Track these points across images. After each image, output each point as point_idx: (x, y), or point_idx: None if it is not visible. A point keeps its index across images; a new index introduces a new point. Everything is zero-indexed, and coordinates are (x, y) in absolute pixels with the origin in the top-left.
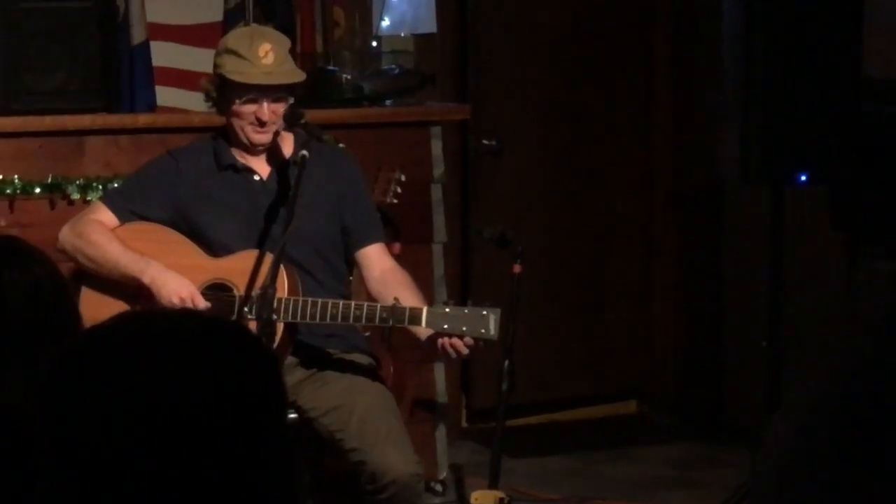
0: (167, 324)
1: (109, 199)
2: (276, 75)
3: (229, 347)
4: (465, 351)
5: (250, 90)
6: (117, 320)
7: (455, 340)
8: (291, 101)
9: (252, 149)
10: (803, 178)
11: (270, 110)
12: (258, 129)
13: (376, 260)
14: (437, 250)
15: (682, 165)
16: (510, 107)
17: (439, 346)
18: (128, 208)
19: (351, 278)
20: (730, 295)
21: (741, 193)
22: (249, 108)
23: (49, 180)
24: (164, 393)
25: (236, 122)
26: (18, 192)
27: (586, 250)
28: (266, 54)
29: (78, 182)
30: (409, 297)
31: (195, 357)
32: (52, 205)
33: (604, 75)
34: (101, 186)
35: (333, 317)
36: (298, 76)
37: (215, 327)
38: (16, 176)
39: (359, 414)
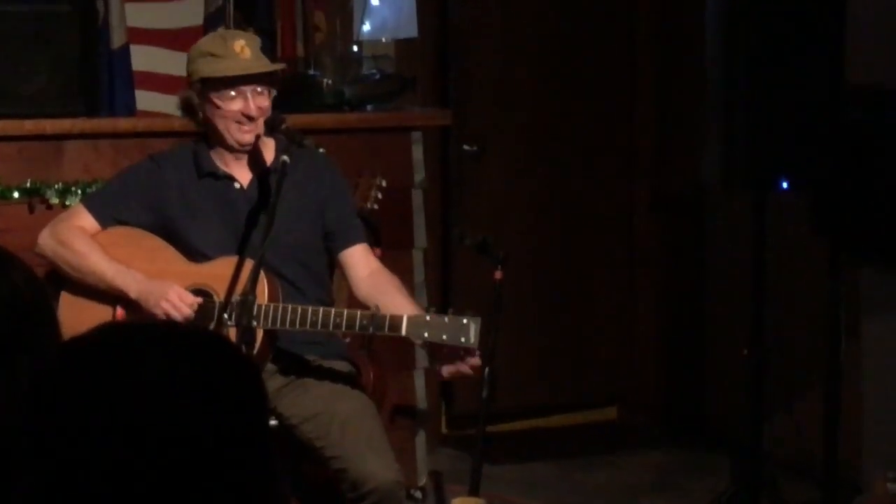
0: (148, 335)
1: (90, 203)
2: (257, 66)
3: (210, 357)
4: (470, 372)
5: (233, 84)
6: (98, 332)
7: (461, 367)
8: (274, 93)
9: (238, 149)
10: (785, 184)
11: (256, 105)
12: (244, 127)
13: (362, 261)
14: (418, 256)
15: (665, 171)
16: (491, 112)
17: (445, 373)
18: (109, 213)
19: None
20: (711, 302)
21: (723, 200)
22: (235, 106)
23: (28, 184)
24: (147, 404)
25: (221, 123)
26: None
27: (568, 257)
28: (242, 49)
29: (57, 186)
30: (400, 299)
31: (176, 368)
32: (31, 209)
33: (586, 81)
34: (80, 191)
35: (313, 323)
36: (278, 65)
37: (195, 337)
38: None
39: (339, 421)
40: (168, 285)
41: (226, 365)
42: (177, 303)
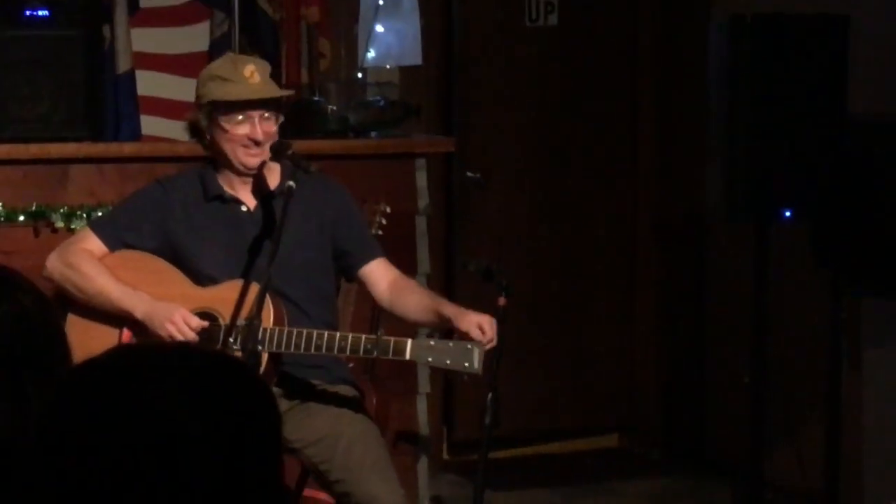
0: (162, 357)
1: (98, 227)
2: (265, 91)
3: (225, 380)
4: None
5: (241, 108)
6: (113, 354)
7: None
8: (281, 119)
9: (244, 172)
10: (787, 214)
11: (263, 130)
12: (250, 151)
13: (381, 274)
14: (422, 282)
15: (666, 199)
16: (495, 139)
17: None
18: (117, 236)
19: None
20: (712, 330)
21: (724, 228)
22: (242, 130)
23: (33, 208)
24: (162, 427)
25: (228, 147)
26: (2, 219)
27: (570, 284)
28: (252, 74)
29: (62, 210)
30: (420, 300)
31: (191, 391)
32: (36, 233)
33: (588, 108)
34: (85, 215)
35: (318, 347)
36: (287, 91)
37: (210, 360)
38: (0, 204)
39: (344, 445)
40: (174, 307)
41: (240, 388)
42: (181, 325)
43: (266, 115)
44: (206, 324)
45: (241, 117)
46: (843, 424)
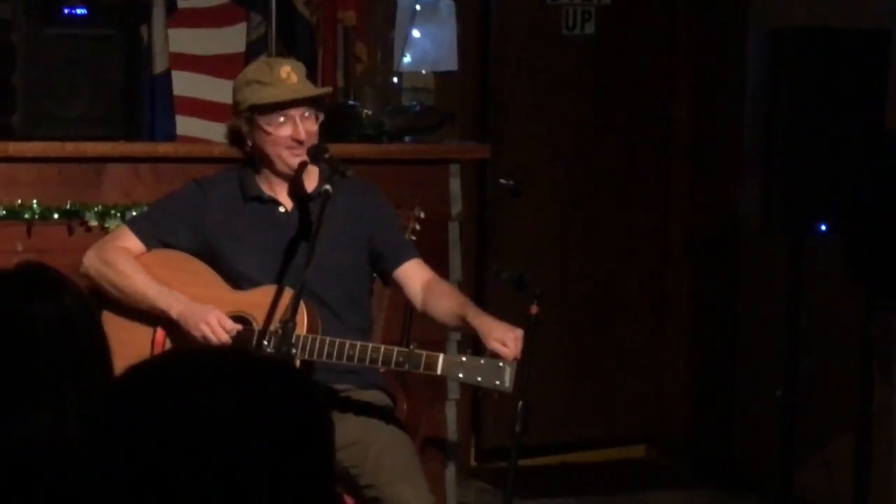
0: (218, 362)
1: (136, 225)
2: (304, 90)
3: (280, 387)
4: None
5: (282, 109)
6: (167, 358)
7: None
8: (321, 117)
9: (288, 173)
10: (823, 227)
11: (305, 130)
12: (295, 151)
13: (416, 275)
14: None
15: (700, 211)
16: (529, 147)
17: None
18: (154, 235)
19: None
20: (743, 342)
21: (758, 240)
22: (285, 131)
23: (68, 206)
24: (217, 433)
25: (272, 150)
26: (37, 217)
27: (601, 293)
28: (289, 75)
29: (96, 209)
30: (451, 305)
31: (247, 397)
32: (70, 231)
33: (623, 119)
34: (119, 214)
35: (350, 357)
36: (324, 89)
37: (265, 366)
38: (34, 201)
39: (375, 451)
40: (209, 309)
41: (295, 395)
42: (215, 327)
43: (306, 113)
44: (240, 327)
45: (282, 119)
46: (873, 438)
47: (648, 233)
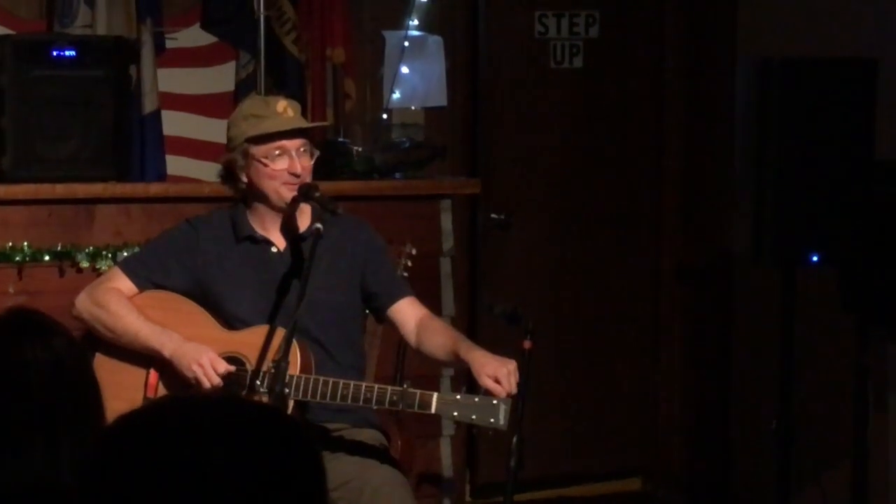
0: (209, 411)
1: (128, 266)
2: (302, 122)
3: (270, 434)
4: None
5: (278, 140)
6: (158, 406)
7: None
8: (317, 154)
9: (282, 208)
10: (815, 258)
11: (301, 164)
12: (291, 185)
13: (410, 313)
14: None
15: (692, 242)
16: (520, 181)
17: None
18: (146, 276)
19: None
20: (737, 372)
21: (750, 271)
22: (282, 164)
23: (59, 248)
24: (209, 482)
25: (268, 184)
26: (28, 259)
27: (593, 326)
28: (285, 109)
29: (88, 250)
30: (444, 341)
31: (237, 445)
32: (62, 272)
33: (613, 151)
34: (110, 255)
35: (344, 397)
36: (321, 123)
37: (255, 414)
38: (25, 243)
39: (370, 490)
40: (203, 350)
41: (286, 442)
42: (207, 368)
43: (302, 148)
44: (232, 368)
45: (278, 151)
46: (869, 469)
47: (640, 264)
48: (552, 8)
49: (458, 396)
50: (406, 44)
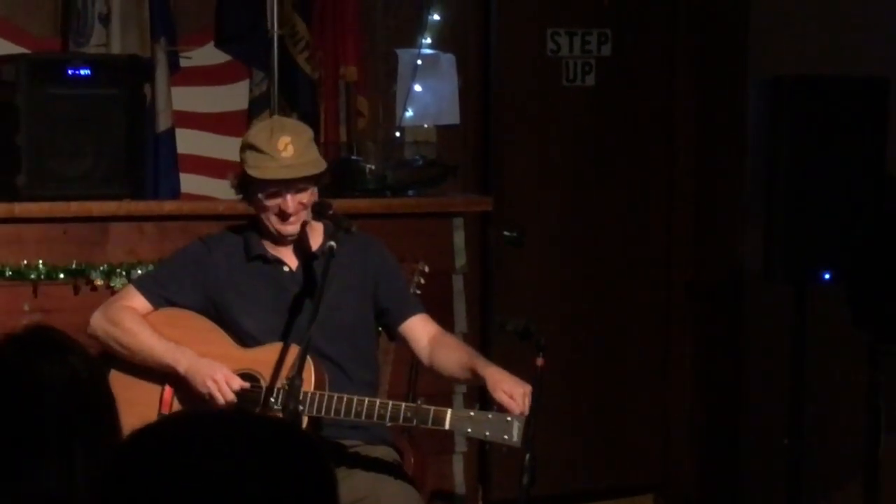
0: (223, 425)
1: (142, 285)
2: (296, 168)
3: (285, 449)
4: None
5: (271, 185)
6: (172, 421)
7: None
8: (315, 190)
9: (281, 240)
10: (827, 276)
11: (295, 201)
12: (283, 221)
13: (422, 330)
14: None
15: (703, 259)
16: (531, 198)
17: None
18: (160, 294)
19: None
20: (748, 390)
21: (762, 288)
22: (273, 202)
23: (73, 266)
24: (223, 496)
25: (263, 215)
26: (42, 276)
27: (605, 343)
28: (286, 147)
29: (102, 268)
30: (459, 357)
31: (252, 459)
32: (76, 290)
33: (624, 168)
34: (124, 273)
35: (358, 414)
36: (319, 166)
37: (270, 428)
38: (40, 261)
39: None
40: (217, 366)
41: (300, 457)
42: (222, 385)
43: (300, 185)
44: (247, 385)
45: (272, 189)
46: (881, 484)
47: (652, 282)
48: (564, 26)
49: (472, 413)
50: (419, 62)
